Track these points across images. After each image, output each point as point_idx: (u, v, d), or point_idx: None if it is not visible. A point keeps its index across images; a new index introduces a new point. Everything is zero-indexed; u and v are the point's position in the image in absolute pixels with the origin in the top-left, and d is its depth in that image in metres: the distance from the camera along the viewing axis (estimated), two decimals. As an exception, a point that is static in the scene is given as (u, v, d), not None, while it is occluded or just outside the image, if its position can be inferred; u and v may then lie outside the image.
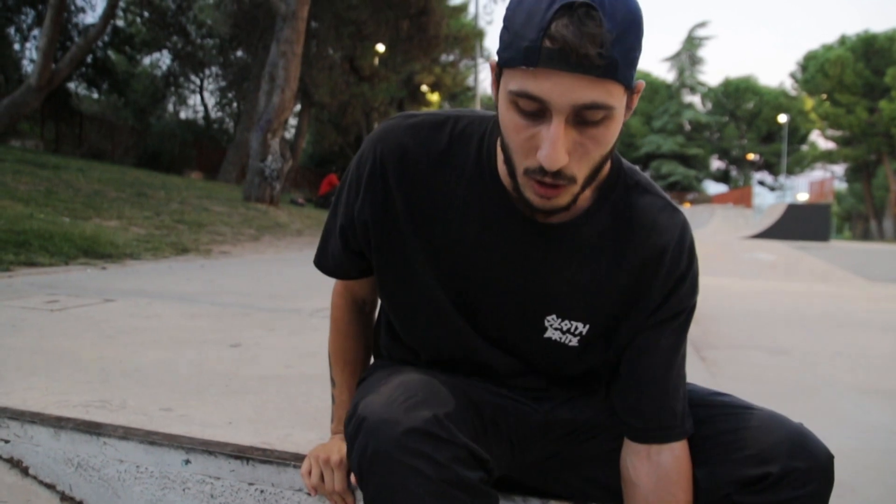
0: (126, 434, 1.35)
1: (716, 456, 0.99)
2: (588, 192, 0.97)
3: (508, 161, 0.89)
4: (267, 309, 3.33)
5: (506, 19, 0.84)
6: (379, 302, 1.23)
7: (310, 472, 1.15)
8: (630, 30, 0.79)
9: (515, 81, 0.82)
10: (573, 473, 1.11)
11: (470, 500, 0.88)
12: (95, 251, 5.22)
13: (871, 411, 3.54)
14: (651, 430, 1.00)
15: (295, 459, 1.25)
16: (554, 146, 0.81)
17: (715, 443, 1.00)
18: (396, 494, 0.86)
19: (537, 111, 0.82)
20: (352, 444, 0.92)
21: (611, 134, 0.85)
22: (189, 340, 2.39)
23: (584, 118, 0.82)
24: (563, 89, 0.79)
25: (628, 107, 0.86)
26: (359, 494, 1.16)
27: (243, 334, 2.57)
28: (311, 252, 1.19)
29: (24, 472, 1.42)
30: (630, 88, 0.84)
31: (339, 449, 1.15)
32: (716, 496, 0.98)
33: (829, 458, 0.96)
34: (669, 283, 1.00)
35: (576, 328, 1.02)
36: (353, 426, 0.92)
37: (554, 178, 0.85)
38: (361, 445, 0.89)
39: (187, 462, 1.30)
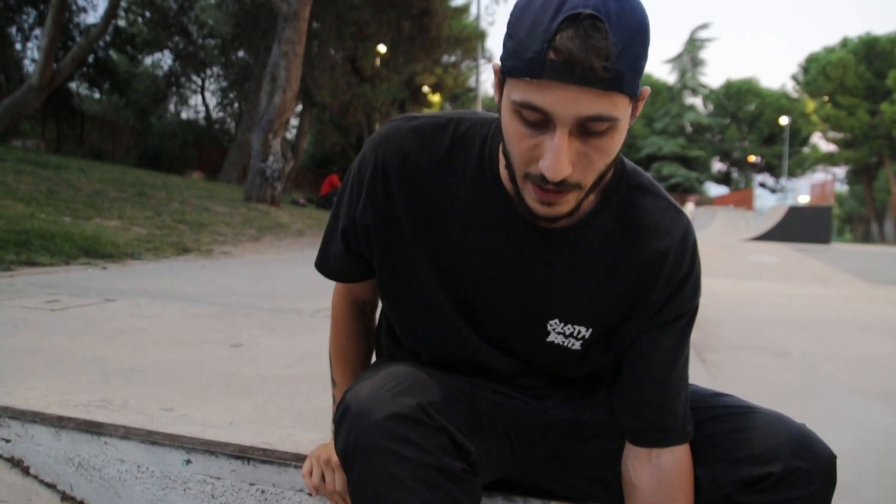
0: (127, 434, 1.35)
1: (718, 456, 0.99)
2: (591, 195, 0.97)
3: (510, 167, 0.89)
4: (268, 309, 3.33)
5: (509, 26, 0.83)
6: (380, 303, 1.23)
7: (311, 473, 1.15)
8: (636, 39, 0.78)
9: (519, 92, 0.81)
10: (575, 473, 1.11)
11: (452, 486, 0.88)
12: (96, 251, 5.22)
13: (872, 413, 3.54)
14: (651, 432, 1.00)
15: (296, 460, 1.25)
16: (557, 158, 0.81)
17: (717, 443, 1.00)
18: (379, 478, 0.86)
19: (541, 122, 0.82)
20: (337, 431, 0.92)
21: (615, 143, 0.84)
22: (190, 340, 2.39)
23: (588, 129, 0.81)
24: (567, 102, 0.78)
25: (633, 114, 0.85)
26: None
27: (244, 334, 2.57)
28: (312, 252, 1.19)
29: (25, 471, 1.42)
30: (635, 97, 0.83)
31: None
32: (717, 496, 0.98)
33: (831, 459, 0.96)
34: (672, 285, 1.00)
35: (578, 332, 1.02)
36: (339, 414, 0.93)
37: (557, 186, 0.85)
38: (345, 432, 0.90)
39: (188, 462, 1.30)
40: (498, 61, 0.86)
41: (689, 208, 26.08)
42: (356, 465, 0.88)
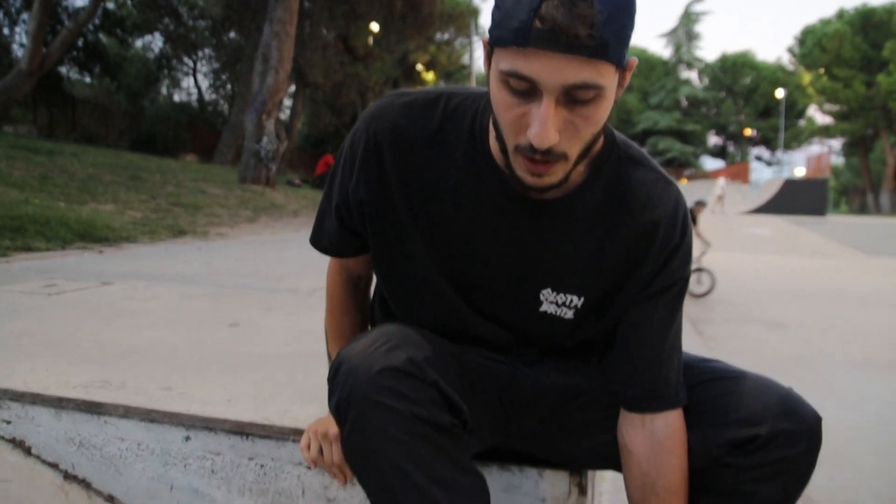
0: (126, 412, 1.36)
1: (707, 420, 1.01)
2: (581, 167, 0.98)
3: (500, 138, 0.89)
4: (265, 289, 3.34)
5: None
6: (374, 278, 1.24)
7: (308, 446, 1.16)
8: (622, 8, 0.79)
9: (506, 61, 0.82)
10: (569, 440, 1.12)
11: (441, 438, 0.90)
12: (92, 235, 5.22)
13: (865, 383, 3.59)
14: (644, 399, 1.02)
15: (294, 434, 1.26)
16: (544, 126, 0.81)
17: (706, 407, 1.02)
18: (370, 431, 0.88)
19: (528, 90, 0.82)
20: (332, 390, 0.94)
21: (601, 112, 0.85)
22: (187, 321, 2.40)
23: (574, 97, 0.82)
24: (552, 70, 0.79)
25: (620, 84, 0.86)
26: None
27: (241, 314, 2.57)
28: (308, 233, 1.20)
29: (27, 451, 1.43)
30: (622, 66, 0.83)
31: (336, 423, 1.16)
32: (708, 459, 1.00)
33: (816, 420, 0.98)
34: (663, 256, 1.00)
35: (570, 301, 1.03)
36: (332, 371, 0.94)
37: (544, 156, 0.85)
38: (338, 388, 0.91)
39: (188, 439, 1.32)
40: (487, 33, 0.87)
41: (721, 183, 26.12)
42: (348, 419, 0.90)
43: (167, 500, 1.33)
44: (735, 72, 53.58)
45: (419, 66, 25.71)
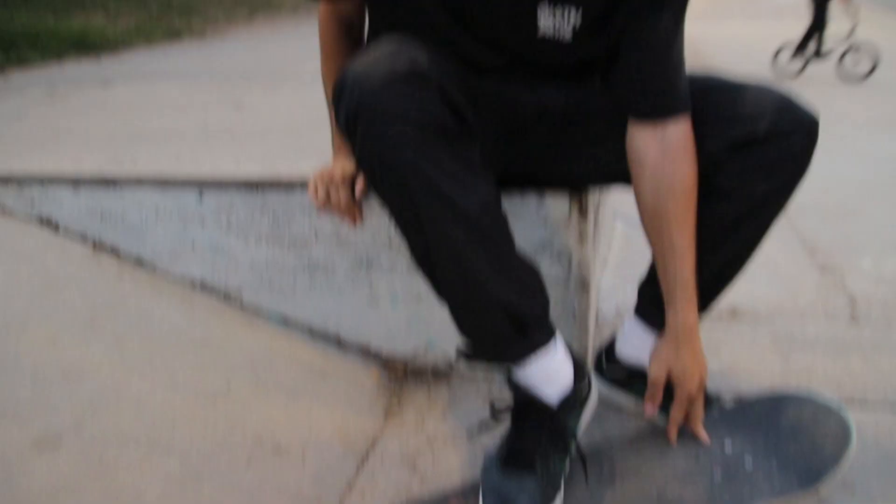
0: (140, 181, 1.40)
1: (709, 124, 1.02)
2: None
3: None
4: (268, 77, 3.29)
5: None
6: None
7: (316, 192, 1.19)
8: None
9: None
10: (574, 158, 1.14)
11: (449, 140, 0.90)
12: (87, 44, 5.09)
13: (884, 144, 3.56)
14: (656, 106, 1.01)
15: (302, 184, 1.29)
16: None
17: (708, 113, 1.02)
18: (380, 135, 0.87)
19: None
20: (338, 105, 0.91)
21: None
22: (192, 107, 2.40)
23: None
24: None
25: None
26: (365, 209, 1.22)
27: (246, 99, 2.55)
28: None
29: (55, 228, 1.50)
30: None
31: (341, 166, 1.18)
32: (710, 162, 1.02)
33: (813, 118, 0.99)
34: None
35: (569, 15, 0.99)
36: (337, 88, 0.91)
37: None
38: (346, 100, 0.89)
39: (201, 196, 1.36)
40: None
41: None
42: (358, 128, 0.88)
43: (191, 257, 1.41)
44: None
45: None
